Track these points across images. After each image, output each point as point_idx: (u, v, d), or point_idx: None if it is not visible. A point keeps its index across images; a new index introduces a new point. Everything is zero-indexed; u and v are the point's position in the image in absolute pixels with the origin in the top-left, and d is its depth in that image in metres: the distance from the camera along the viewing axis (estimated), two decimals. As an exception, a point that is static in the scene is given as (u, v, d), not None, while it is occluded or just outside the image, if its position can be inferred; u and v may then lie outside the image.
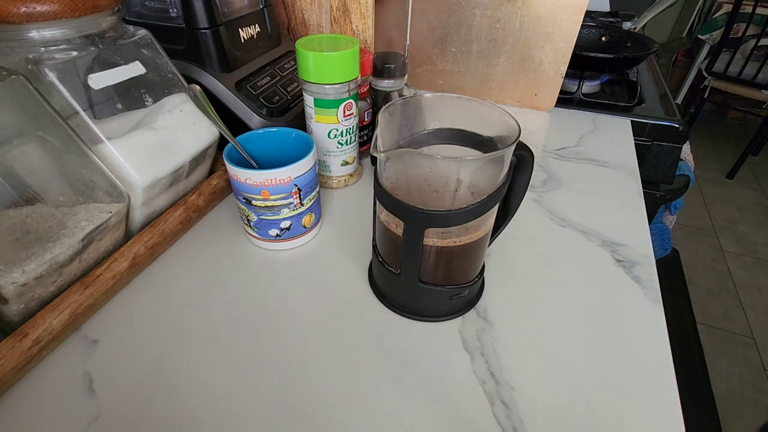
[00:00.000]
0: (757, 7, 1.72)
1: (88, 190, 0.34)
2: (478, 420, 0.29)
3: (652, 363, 0.32)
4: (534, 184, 0.52)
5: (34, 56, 0.32)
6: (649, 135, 0.69)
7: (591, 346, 0.34)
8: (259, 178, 0.36)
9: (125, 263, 0.36)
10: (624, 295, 0.38)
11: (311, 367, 0.32)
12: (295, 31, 0.61)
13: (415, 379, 0.31)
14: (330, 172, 0.49)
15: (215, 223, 0.45)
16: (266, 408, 0.29)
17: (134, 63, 0.37)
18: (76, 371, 0.31)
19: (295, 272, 0.40)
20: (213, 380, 0.31)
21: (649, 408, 0.30)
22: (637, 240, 0.44)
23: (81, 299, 0.33)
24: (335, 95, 0.44)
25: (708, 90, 1.96)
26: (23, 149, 0.32)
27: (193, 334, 0.34)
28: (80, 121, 0.34)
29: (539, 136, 0.64)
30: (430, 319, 0.35)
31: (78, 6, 0.32)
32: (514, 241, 0.43)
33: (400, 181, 0.30)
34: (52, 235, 0.31)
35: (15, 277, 0.29)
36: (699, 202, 1.92)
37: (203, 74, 0.47)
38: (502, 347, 0.33)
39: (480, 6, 0.64)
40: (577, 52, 0.67)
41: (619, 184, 0.53)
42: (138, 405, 0.29)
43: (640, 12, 1.07)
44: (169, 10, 0.45)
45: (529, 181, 0.34)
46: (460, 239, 0.31)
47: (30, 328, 0.30)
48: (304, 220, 0.41)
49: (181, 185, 0.43)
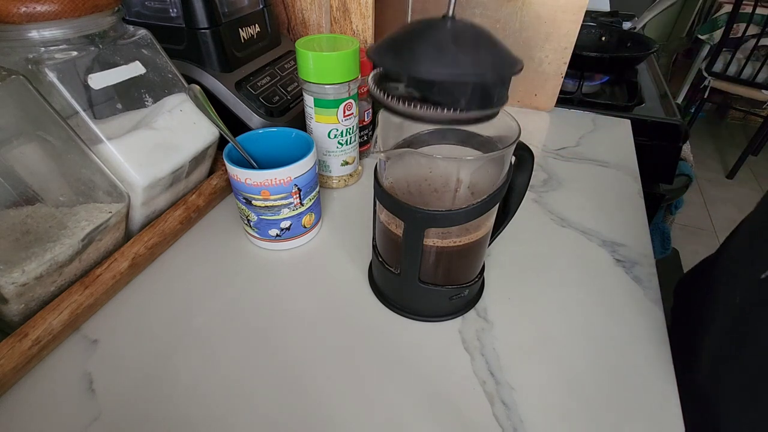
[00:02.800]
0: (757, 7, 1.72)
1: (88, 190, 0.34)
2: (478, 420, 0.29)
3: (652, 363, 0.32)
4: (534, 184, 0.52)
5: (34, 56, 0.32)
6: (649, 135, 0.69)
7: (591, 346, 0.34)
8: (259, 178, 0.36)
9: (125, 263, 0.36)
10: (624, 295, 0.38)
11: (311, 367, 0.32)
12: (295, 31, 0.61)
13: (415, 379, 0.31)
14: (330, 172, 0.49)
15: (215, 223, 0.45)
16: (266, 407, 0.29)
17: (134, 63, 0.37)
18: (76, 371, 0.31)
19: (295, 272, 0.40)
20: (213, 380, 0.31)
21: (648, 408, 0.30)
22: (637, 240, 0.44)
23: (81, 299, 0.33)
24: (335, 95, 0.44)
25: (708, 90, 1.96)
26: (23, 149, 0.32)
27: (193, 334, 0.34)
28: (80, 121, 0.34)
29: (539, 136, 0.64)
30: (430, 319, 0.35)
31: (78, 6, 0.32)
32: (514, 241, 0.43)
33: (400, 181, 0.30)
34: (52, 235, 0.31)
35: (15, 277, 0.29)
36: (699, 202, 1.92)
37: (203, 74, 0.47)
38: (502, 347, 0.33)
39: (480, 6, 0.64)
40: (577, 52, 0.67)
41: (619, 184, 0.53)
42: (138, 405, 0.29)
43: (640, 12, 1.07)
44: (169, 10, 0.45)
45: (529, 181, 0.34)
46: (460, 239, 0.31)
47: (30, 328, 0.30)
48: (304, 220, 0.41)
49: (181, 185, 0.43)
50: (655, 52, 0.83)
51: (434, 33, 0.23)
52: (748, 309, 0.28)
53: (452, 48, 0.23)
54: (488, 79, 0.23)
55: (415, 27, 0.24)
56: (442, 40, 0.23)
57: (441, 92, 0.24)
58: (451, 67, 0.22)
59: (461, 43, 0.23)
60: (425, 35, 0.23)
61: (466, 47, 0.23)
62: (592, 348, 0.34)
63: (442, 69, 0.22)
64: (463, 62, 0.22)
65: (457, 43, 0.23)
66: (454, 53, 0.23)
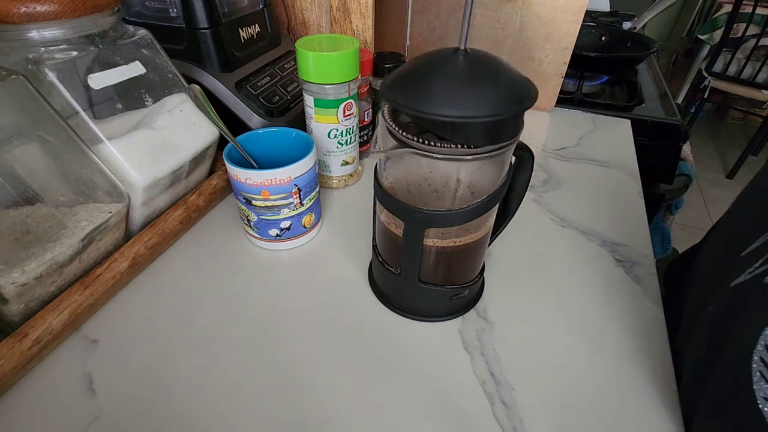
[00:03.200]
0: (757, 7, 1.72)
1: (88, 190, 0.34)
2: (478, 420, 0.29)
3: (652, 363, 0.32)
4: (534, 184, 0.52)
5: (34, 56, 0.32)
6: (649, 135, 0.69)
7: (591, 346, 0.34)
8: (259, 178, 0.36)
9: (125, 263, 0.36)
10: (624, 295, 0.38)
11: (311, 367, 0.32)
12: (295, 31, 0.61)
13: (415, 379, 0.31)
14: (330, 172, 0.49)
15: (215, 223, 0.45)
16: (266, 407, 0.29)
17: (134, 63, 0.37)
18: (76, 371, 0.31)
19: (295, 272, 0.40)
20: (213, 380, 0.31)
21: (648, 408, 0.30)
22: (637, 240, 0.44)
23: (81, 299, 0.33)
24: (335, 95, 0.43)
25: (708, 90, 1.96)
26: (23, 149, 0.32)
27: (193, 334, 0.34)
28: (80, 121, 0.34)
29: (539, 136, 0.64)
30: (430, 319, 0.35)
31: (78, 6, 0.32)
32: (514, 241, 0.43)
33: (400, 181, 0.30)
34: (52, 235, 0.31)
35: (15, 277, 0.29)
36: (699, 202, 1.92)
37: (203, 74, 0.47)
38: (502, 347, 0.33)
39: (480, 6, 0.64)
40: (577, 52, 0.67)
41: (619, 184, 0.53)
42: (138, 405, 0.29)
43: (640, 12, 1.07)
44: (169, 10, 0.45)
45: (529, 181, 0.34)
46: (460, 239, 0.31)
47: (30, 328, 0.30)
48: (304, 220, 0.41)
49: (181, 185, 0.43)
50: (655, 52, 0.83)
51: (447, 69, 0.23)
52: (721, 317, 0.27)
53: (465, 86, 0.23)
54: (501, 117, 0.23)
55: (427, 61, 0.24)
56: (454, 76, 0.23)
57: (454, 131, 0.24)
58: (463, 108, 0.22)
59: (474, 79, 0.23)
60: (438, 71, 0.23)
61: (478, 83, 0.23)
62: (591, 348, 0.34)
63: (455, 111, 0.22)
64: (476, 102, 0.22)
65: (470, 80, 0.23)
66: (467, 91, 0.22)
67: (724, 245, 0.33)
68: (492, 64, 0.24)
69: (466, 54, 0.24)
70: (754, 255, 0.26)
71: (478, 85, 0.23)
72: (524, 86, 0.24)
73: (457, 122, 0.23)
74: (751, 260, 0.26)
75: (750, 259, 0.26)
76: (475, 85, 0.23)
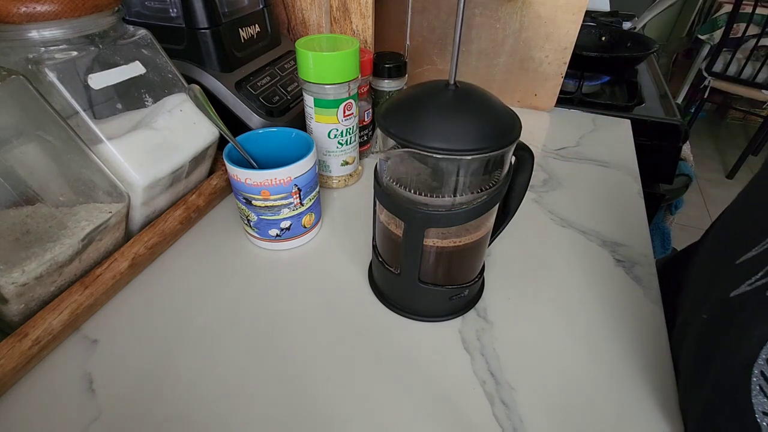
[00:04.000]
0: (757, 7, 1.72)
1: (88, 190, 0.34)
2: (478, 420, 0.29)
3: (652, 363, 0.32)
4: (534, 184, 0.52)
5: (34, 56, 0.32)
6: (649, 135, 0.69)
7: (591, 346, 0.34)
8: (259, 178, 0.36)
9: (125, 263, 0.36)
10: (624, 295, 0.38)
11: (311, 367, 0.32)
12: (295, 31, 0.61)
13: (415, 379, 0.31)
14: (330, 172, 0.49)
15: (215, 223, 0.45)
16: (266, 408, 0.29)
17: (134, 63, 0.37)
18: (76, 371, 0.31)
19: (295, 272, 0.40)
20: (213, 380, 0.31)
21: (648, 408, 0.30)
22: (637, 240, 0.44)
23: (81, 299, 0.33)
24: (335, 95, 0.43)
25: (708, 90, 1.96)
26: (23, 149, 0.32)
27: (193, 334, 0.34)
28: (80, 121, 0.34)
29: (539, 136, 0.64)
30: (430, 319, 0.35)
31: (78, 6, 0.32)
32: (514, 241, 0.43)
33: (400, 181, 0.30)
34: (52, 235, 0.31)
35: (15, 277, 0.29)
36: (699, 202, 1.92)
37: (203, 74, 0.47)
38: (502, 347, 0.33)
39: (480, 6, 0.64)
40: (577, 52, 0.67)
41: (619, 184, 0.53)
42: (138, 405, 0.29)
43: (640, 12, 1.07)
44: (169, 10, 0.45)
45: (529, 181, 0.34)
46: (460, 239, 0.31)
47: (30, 328, 0.30)
48: (304, 220, 0.41)
49: (181, 185, 0.43)
50: (655, 52, 0.83)
51: (438, 102, 0.26)
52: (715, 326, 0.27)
53: (451, 120, 0.25)
54: (483, 153, 0.25)
55: (420, 93, 0.27)
56: (444, 110, 0.26)
57: (439, 162, 0.27)
58: (449, 141, 0.25)
59: (463, 112, 0.26)
60: (430, 104, 0.26)
61: (467, 116, 0.26)
62: (592, 348, 0.34)
63: (441, 144, 0.25)
64: (461, 135, 0.25)
65: (459, 114, 0.26)
66: (453, 124, 0.25)
67: (718, 250, 0.32)
68: (479, 97, 0.27)
69: (456, 89, 0.26)
70: (753, 264, 0.25)
71: (466, 116, 0.26)
72: (508, 121, 0.27)
73: (440, 155, 0.25)
74: (748, 270, 0.25)
75: (747, 267, 0.25)
76: (464, 117, 0.26)
